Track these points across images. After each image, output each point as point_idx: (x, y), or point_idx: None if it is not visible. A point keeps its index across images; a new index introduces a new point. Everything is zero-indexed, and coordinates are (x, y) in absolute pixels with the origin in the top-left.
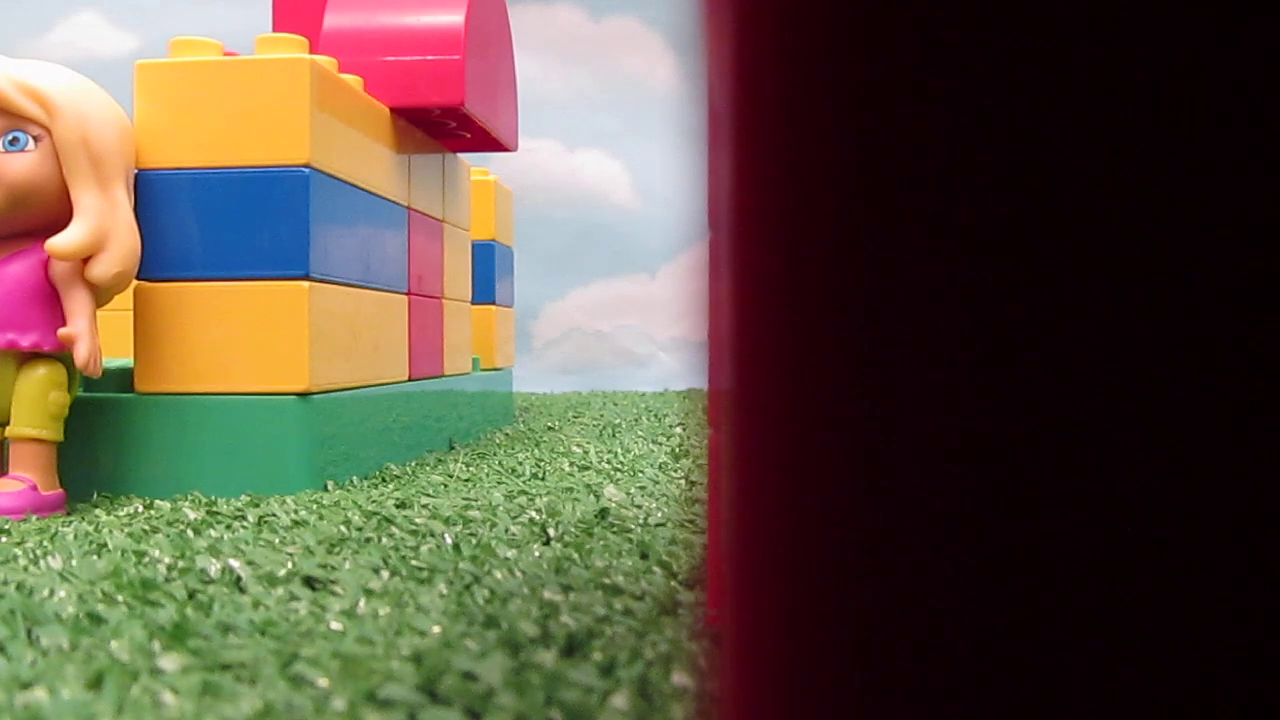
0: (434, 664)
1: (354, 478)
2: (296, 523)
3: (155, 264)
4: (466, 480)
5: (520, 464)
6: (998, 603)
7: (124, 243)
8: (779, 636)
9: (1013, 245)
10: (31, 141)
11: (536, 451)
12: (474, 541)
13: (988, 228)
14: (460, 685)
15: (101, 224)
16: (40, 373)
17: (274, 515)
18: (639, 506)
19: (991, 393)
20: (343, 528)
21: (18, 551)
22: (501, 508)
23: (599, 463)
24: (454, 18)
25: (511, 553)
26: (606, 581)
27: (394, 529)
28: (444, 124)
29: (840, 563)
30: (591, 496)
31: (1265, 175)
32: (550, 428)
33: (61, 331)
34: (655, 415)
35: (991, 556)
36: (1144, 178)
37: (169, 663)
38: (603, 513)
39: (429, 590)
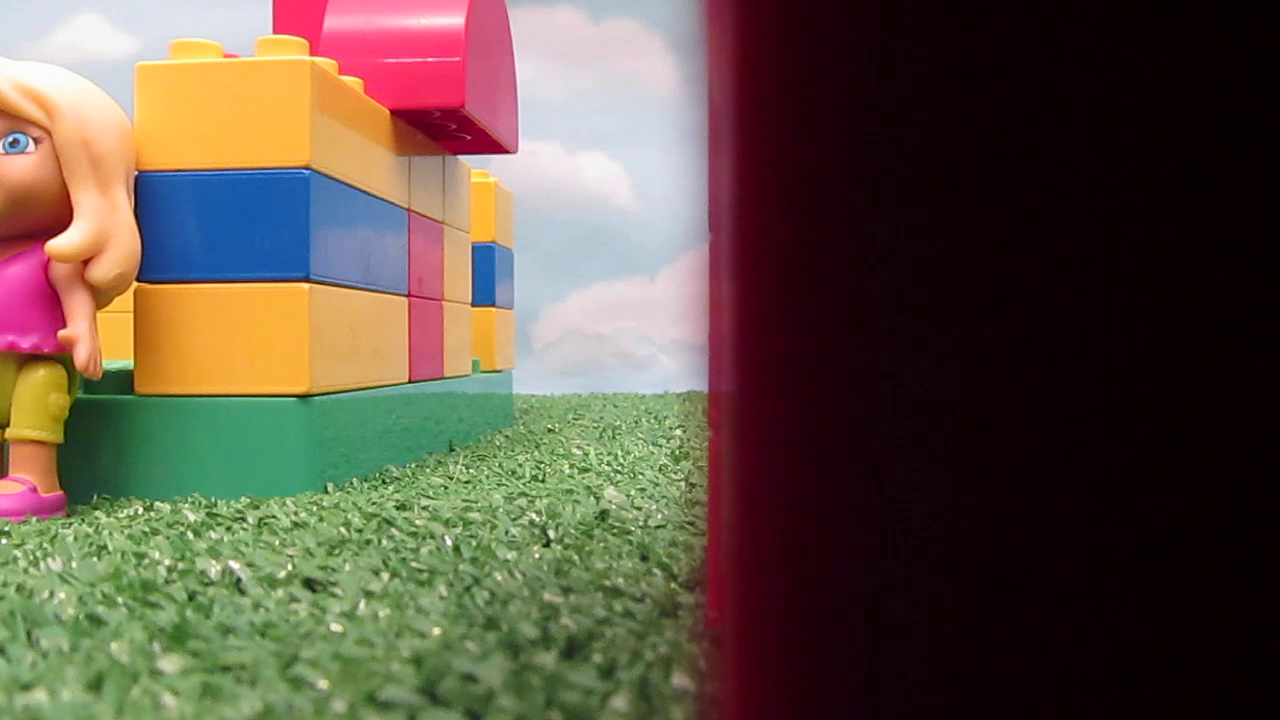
0: (434, 666)
1: (354, 480)
2: (296, 524)
3: (155, 266)
4: (466, 482)
5: (520, 466)
6: (999, 604)
7: (124, 244)
8: (779, 638)
9: (1015, 246)
10: (32, 143)
11: (536, 453)
12: (474, 543)
13: (989, 229)
14: (460, 687)
15: (102, 226)
16: (40, 374)
17: (274, 517)
18: (639, 508)
19: (993, 393)
20: (343, 529)
21: (18, 553)
22: (501, 510)
23: (599, 465)
24: (454, 20)
25: (511, 555)
26: (607, 583)
27: (394, 531)
28: (444, 126)
29: (841, 564)
30: (591, 498)
31: (1267, 176)
32: (550, 430)
33: (62, 333)
34: (655, 417)
35: (993, 557)
36: (1151, 179)
37: (169, 664)
38: (603, 515)
39: (429, 592)
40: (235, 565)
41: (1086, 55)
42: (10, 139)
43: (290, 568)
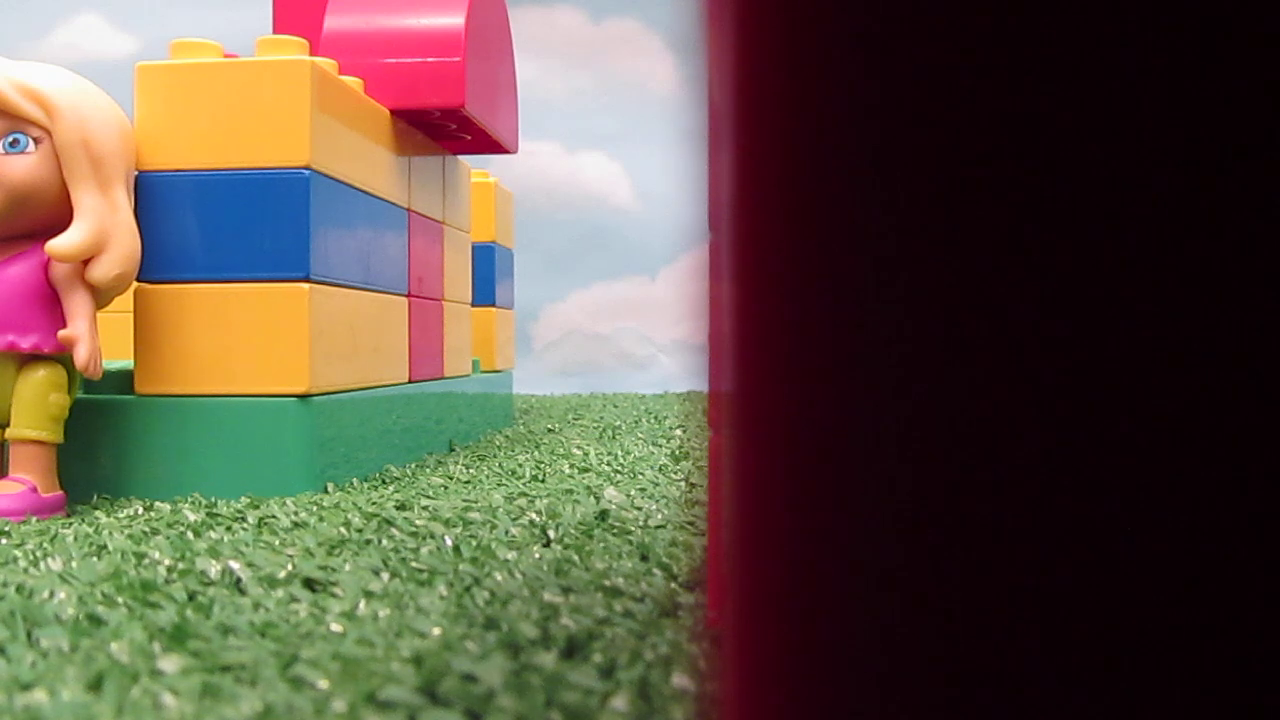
0: (434, 666)
1: (354, 479)
2: (296, 524)
3: (155, 266)
4: (466, 482)
5: (520, 466)
6: (999, 604)
7: (124, 244)
8: (779, 638)
9: (1015, 246)
10: (32, 143)
11: (536, 453)
12: (474, 543)
13: (990, 228)
14: (460, 687)
15: (102, 226)
16: (40, 374)
17: (274, 517)
18: (639, 508)
19: (994, 394)
20: (343, 529)
21: (18, 553)
22: (501, 510)
23: (599, 465)
24: (454, 20)
25: (511, 554)
26: (607, 583)
27: (394, 531)
28: (444, 126)
29: (840, 564)
30: (591, 498)
31: (1266, 176)
32: (550, 430)
33: (62, 333)
34: (655, 417)
35: (993, 558)
36: (1147, 178)
37: (169, 664)
38: (603, 515)
39: (429, 592)
40: (235, 565)
41: (1088, 56)
42: (10, 139)
43: (290, 568)
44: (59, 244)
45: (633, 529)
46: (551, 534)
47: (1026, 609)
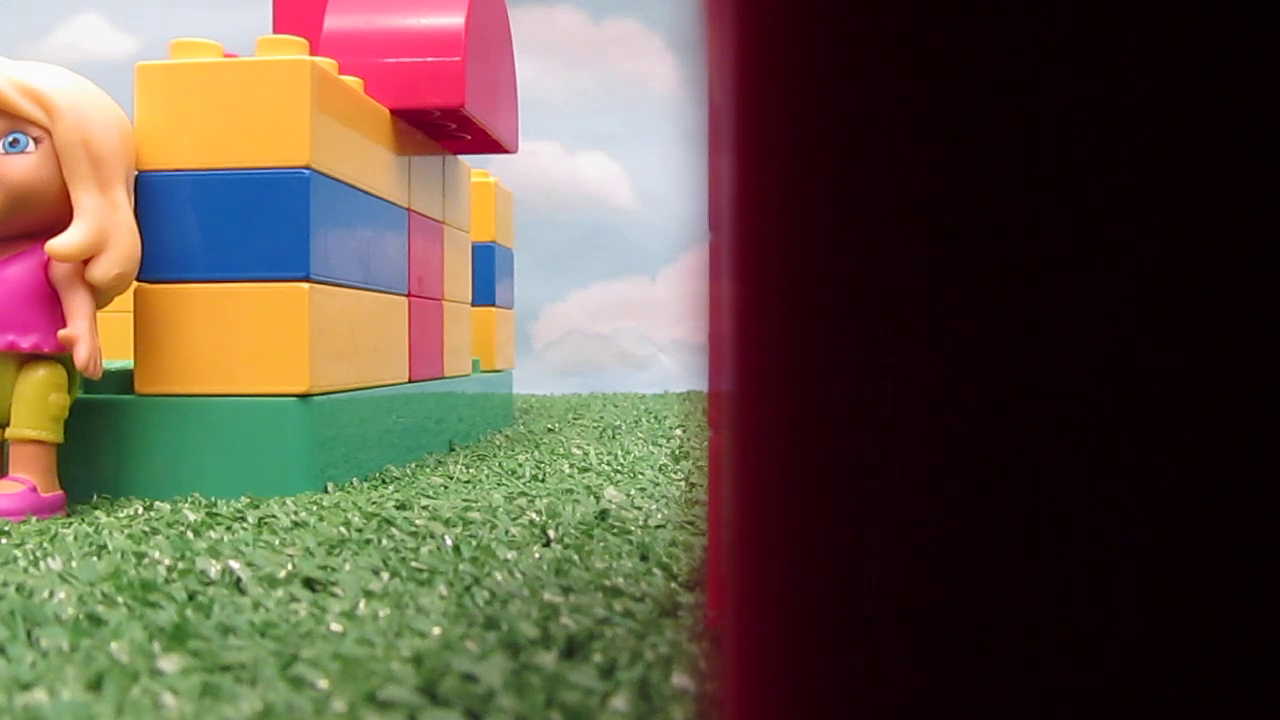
0: (434, 665)
1: (354, 479)
2: (296, 524)
3: (155, 265)
4: (466, 482)
5: (520, 466)
6: (998, 605)
7: (124, 244)
8: (779, 638)
9: (1016, 246)
10: (32, 143)
11: (536, 453)
12: (474, 543)
13: (990, 229)
14: (460, 687)
15: (102, 225)
16: (40, 374)
17: (274, 517)
18: (639, 508)
19: (994, 395)
20: (343, 529)
21: (17, 553)
22: (501, 509)
23: (599, 464)
24: (454, 19)
25: (511, 554)
26: (606, 583)
27: (394, 530)
28: (444, 126)
29: (840, 564)
30: (591, 498)
31: (1266, 176)
32: (550, 429)
33: (61, 333)
34: (655, 417)
35: (992, 559)
36: (1150, 179)
37: (169, 664)
38: (603, 514)
39: (429, 592)
40: (235, 565)
41: (1090, 56)
42: (10, 139)
43: (290, 567)
44: (59, 244)
45: (633, 529)
46: (551, 534)
47: (1026, 609)
